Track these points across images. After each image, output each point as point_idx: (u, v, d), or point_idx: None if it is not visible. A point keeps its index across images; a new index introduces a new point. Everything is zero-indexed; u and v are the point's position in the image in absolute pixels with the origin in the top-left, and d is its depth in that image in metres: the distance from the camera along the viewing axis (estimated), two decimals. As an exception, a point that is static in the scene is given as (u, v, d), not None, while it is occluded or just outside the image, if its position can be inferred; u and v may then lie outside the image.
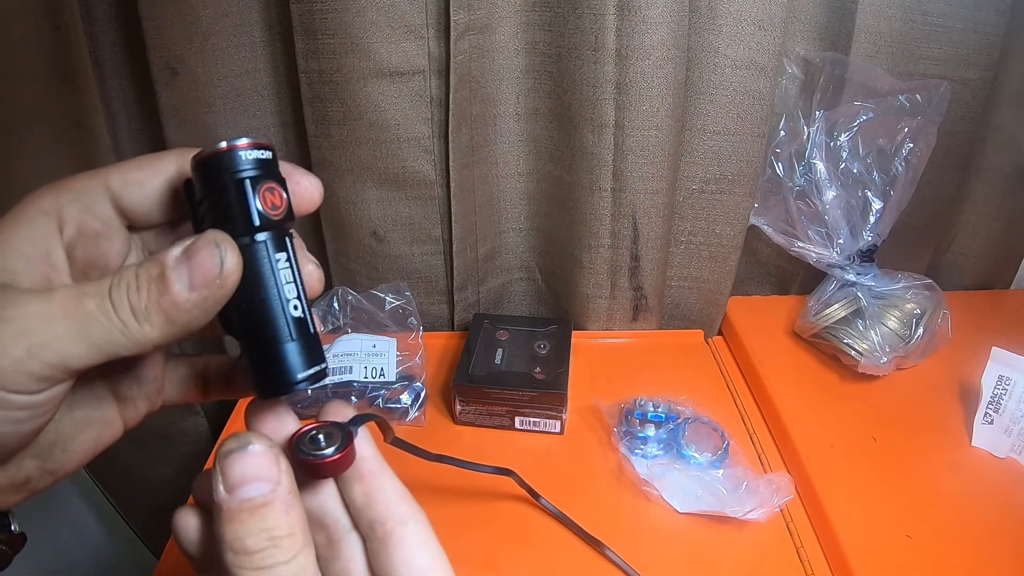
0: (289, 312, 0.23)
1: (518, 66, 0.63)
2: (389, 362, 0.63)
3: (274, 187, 0.23)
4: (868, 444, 0.57)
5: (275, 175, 0.23)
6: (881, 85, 0.63)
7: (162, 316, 0.21)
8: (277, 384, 0.24)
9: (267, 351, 0.24)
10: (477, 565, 0.49)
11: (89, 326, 0.21)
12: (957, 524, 0.50)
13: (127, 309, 0.21)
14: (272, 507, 0.22)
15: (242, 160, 0.23)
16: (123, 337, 0.21)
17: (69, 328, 0.21)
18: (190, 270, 0.21)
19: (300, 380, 0.24)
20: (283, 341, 0.23)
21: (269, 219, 0.23)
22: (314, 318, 0.24)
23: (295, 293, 0.23)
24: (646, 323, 0.72)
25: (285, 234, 0.24)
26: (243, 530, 0.21)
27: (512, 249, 0.74)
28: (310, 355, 0.24)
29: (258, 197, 0.22)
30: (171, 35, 0.58)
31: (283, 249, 0.23)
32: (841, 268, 0.66)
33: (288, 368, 0.24)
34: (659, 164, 0.62)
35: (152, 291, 0.21)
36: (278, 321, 0.23)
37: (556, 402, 0.58)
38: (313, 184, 0.26)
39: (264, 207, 0.23)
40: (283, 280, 0.23)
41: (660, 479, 0.52)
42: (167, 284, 0.21)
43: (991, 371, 0.55)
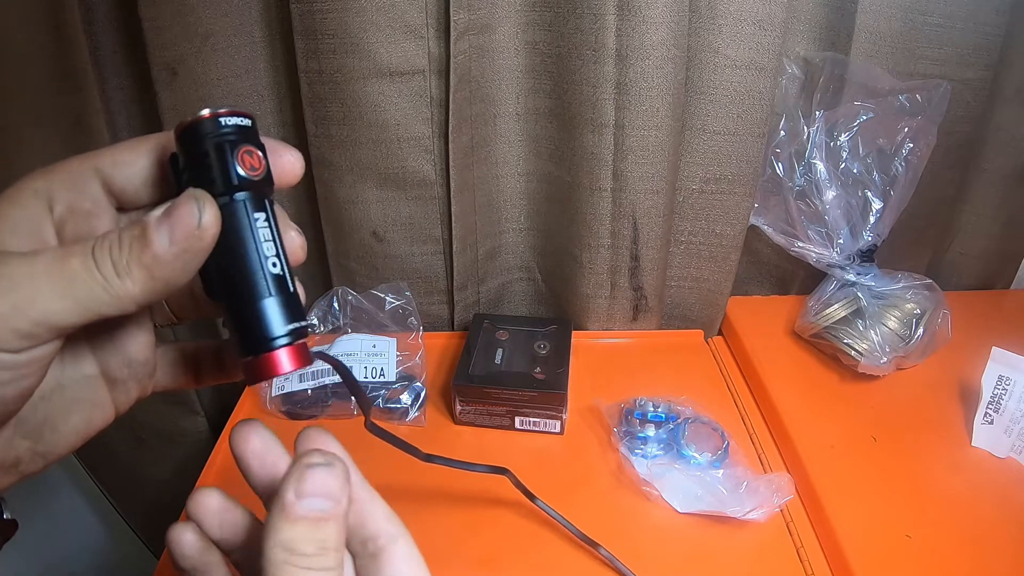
0: (268, 268, 0.24)
1: (518, 66, 0.63)
2: (389, 362, 0.63)
3: (252, 150, 0.24)
4: (868, 444, 0.57)
5: (254, 140, 0.24)
6: (881, 85, 0.63)
7: (143, 271, 0.22)
8: (259, 341, 0.24)
9: (247, 308, 0.24)
10: (475, 564, 0.49)
11: (72, 283, 0.21)
12: (957, 524, 0.50)
13: (109, 265, 0.22)
14: (331, 523, 0.23)
15: (221, 125, 0.23)
16: (105, 293, 0.22)
17: (53, 285, 0.21)
18: (170, 225, 0.22)
19: (281, 335, 0.24)
20: (262, 296, 0.24)
21: (247, 179, 0.23)
22: (294, 279, 0.25)
23: (274, 251, 0.24)
24: (646, 323, 0.72)
25: (265, 197, 0.24)
26: (302, 535, 0.23)
27: (512, 249, 0.74)
28: (290, 311, 0.24)
29: (236, 158, 0.23)
30: (171, 35, 0.58)
31: (262, 210, 0.24)
32: (841, 268, 0.66)
33: (268, 323, 0.24)
34: (659, 164, 0.62)
35: (134, 247, 0.22)
36: (256, 276, 0.24)
37: (556, 402, 0.58)
38: (294, 157, 0.27)
39: (243, 168, 0.23)
40: (262, 238, 0.24)
41: (660, 479, 0.52)
42: (148, 239, 0.22)
43: (991, 371, 0.55)
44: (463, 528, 0.51)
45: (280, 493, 0.23)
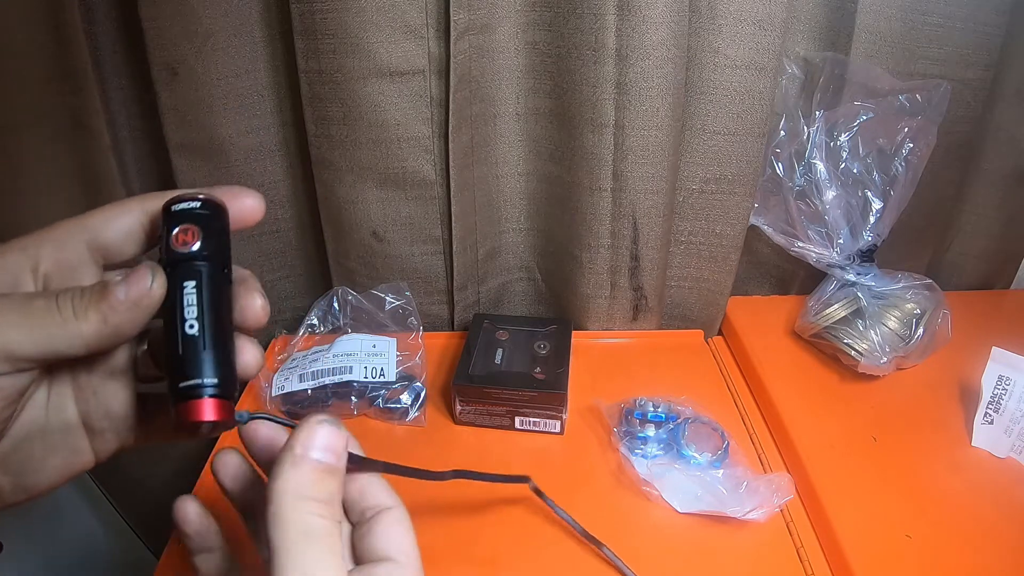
0: (183, 329, 0.27)
1: (518, 66, 0.63)
2: (389, 362, 0.63)
3: (188, 228, 0.28)
4: (868, 444, 0.57)
5: (195, 219, 0.28)
6: (881, 85, 0.63)
7: (98, 315, 0.25)
8: (170, 392, 0.27)
9: (166, 358, 0.27)
10: (475, 564, 0.49)
11: (34, 318, 0.25)
12: (957, 524, 0.50)
13: (69, 308, 0.25)
14: (335, 476, 0.26)
15: (170, 210, 0.28)
16: (61, 331, 0.25)
17: (17, 320, 0.24)
18: (127, 284, 0.26)
19: (180, 388, 0.27)
20: (173, 353, 0.27)
21: (178, 253, 0.27)
22: (218, 342, 0.28)
23: (195, 314, 0.27)
24: (646, 323, 0.72)
25: (200, 268, 0.28)
26: (310, 481, 0.25)
27: (512, 249, 0.74)
28: (188, 370, 0.27)
29: (172, 236, 0.27)
30: (171, 35, 0.58)
31: (192, 278, 0.27)
32: (841, 268, 0.66)
33: (173, 374, 0.27)
34: (659, 164, 0.62)
35: (93, 296, 0.26)
36: (174, 334, 0.27)
37: (556, 402, 0.58)
38: (254, 201, 0.30)
39: (175, 244, 0.27)
40: (185, 303, 0.27)
41: (660, 479, 0.52)
42: (107, 292, 0.26)
43: (991, 371, 0.55)
44: (463, 528, 0.51)
45: (289, 445, 0.25)
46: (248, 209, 0.30)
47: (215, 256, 0.28)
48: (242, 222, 0.30)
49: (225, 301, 0.29)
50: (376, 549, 0.28)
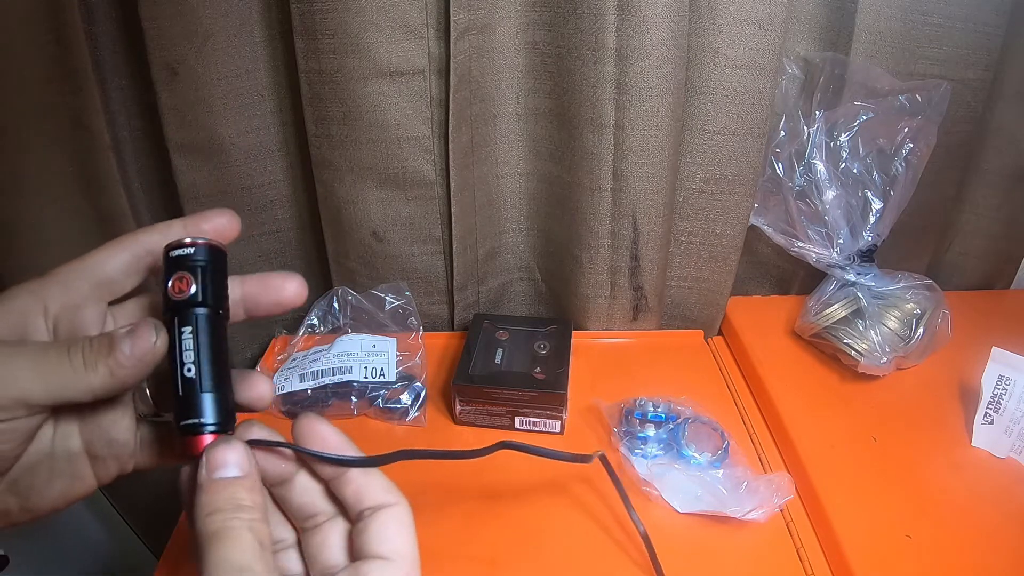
0: (182, 373, 0.29)
1: (518, 66, 0.63)
2: (389, 362, 0.63)
3: (183, 276, 0.29)
4: (868, 444, 0.57)
5: (191, 267, 0.29)
6: (881, 85, 0.63)
7: (106, 368, 0.27)
8: (173, 420, 0.29)
9: (172, 395, 0.29)
10: (475, 565, 0.49)
11: (47, 369, 0.27)
12: (957, 524, 0.50)
13: (80, 360, 0.27)
14: (240, 484, 0.28)
15: (168, 257, 0.30)
16: (73, 381, 0.27)
17: (32, 370, 0.27)
18: (132, 340, 0.28)
19: (182, 425, 0.29)
20: (174, 393, 0.29)
21: (174, 300, 0.29)
22: (215, 382, 0.29)
23: (192, 359, 0.29)
24: (646, 323, 0.72)
25: (196, 313, 0.29)
26: (214, 498, 0.27)
27: (512, 249, 0.74)
28: (188, 411, 0.29)
29: (170, 283, 0.29)
30: (171, 35, 0.58)
31: (188, 324, 0.29)
32: (841, 268, 0.66)
33: (176, 412, 0.29)
34: (659, 164, 0.62)
35: (102, 350, 0.28)
36: (174, 376, 0.29)
37: (556, 402, 0.58)
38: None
39: (172, 292, 0.29)
40: (183, 347, 0.29)
41: (660, 479, 0.52)
42: (114, 347, 0.28)
43: (991, 371, 0.55)
44: (463, 528, 0.51)
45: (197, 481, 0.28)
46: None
47: (209, 301, 0.30)
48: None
49: (220, 341, 0.30)
50: (368, 547, 0.29)
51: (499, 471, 0.56)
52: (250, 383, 0.32)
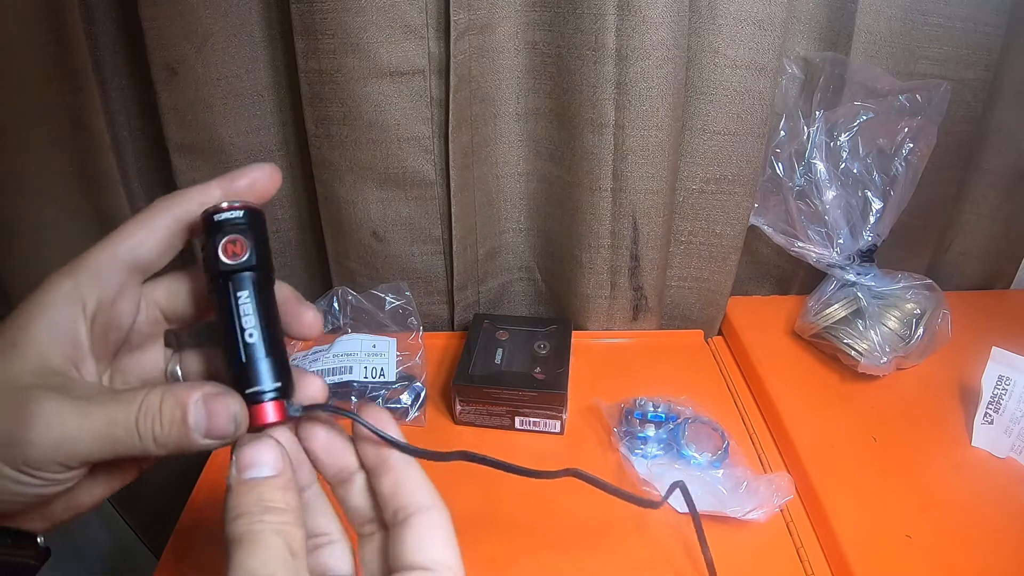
0: (244, 339, 0.28)
1: (518, 66, 0.63)
2: (389, 362, 0.63)
3: (237, 239, 0.28)
4: (868, 444, 0.57)
5: (241, 230, 0.29)
6: (881, 85, 0.62)
7: (177, 447, 0.27)
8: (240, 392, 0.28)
9: (228, 368, 0.29)
10: (476, 564, 0.49)
11: (116, 446, 0.26)
12: (957, 524, 0.50)
13: (150, 439, 0.26)
14: (271, 484, 0.26)
15: (212, 222, 0.29)
16: (139, 452, 0.26)
17: (98, 443, 0.26)
18: (208, 423, 0.26)
19: (246, 395, 0.28)
20: (235, 361, 0.28)
21: (228, 265, 0.28)
22: (274, 346, 0.29)
23: (252, 323, 0.28)
24: (646, 323, 0.72)
25: (250, 278, 0.29)
26: (243, 500, 0.26)
27: (512, 249, 0.74)
28: (255, 377, 0.28)
29: (220, 247, 0.28)
30: (171, 35, 0.58)
31: (244, 288, 0.28)
32: (841, 268, 0.66)
33: (237, 383, 0.28)
34: (659, 164, 0.62)
35: (173, 431, 0.26)
36: (235, 344, 0.28)
37: (556, 402, 0.58)
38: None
39: (225, 256, 0.28)
40: (241, 313, 0.28)
41: (660, 479, 0.52)
42: (188, 429, 0.26)
43: (991, 371, 0.55)
44: (463, 528, 0.51)
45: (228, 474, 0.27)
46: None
47: (263, 264, 0.29)
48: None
49: (274, 304, 0.30)
50: (405, 556, 0.28)
51: (498, 471, 0.56)
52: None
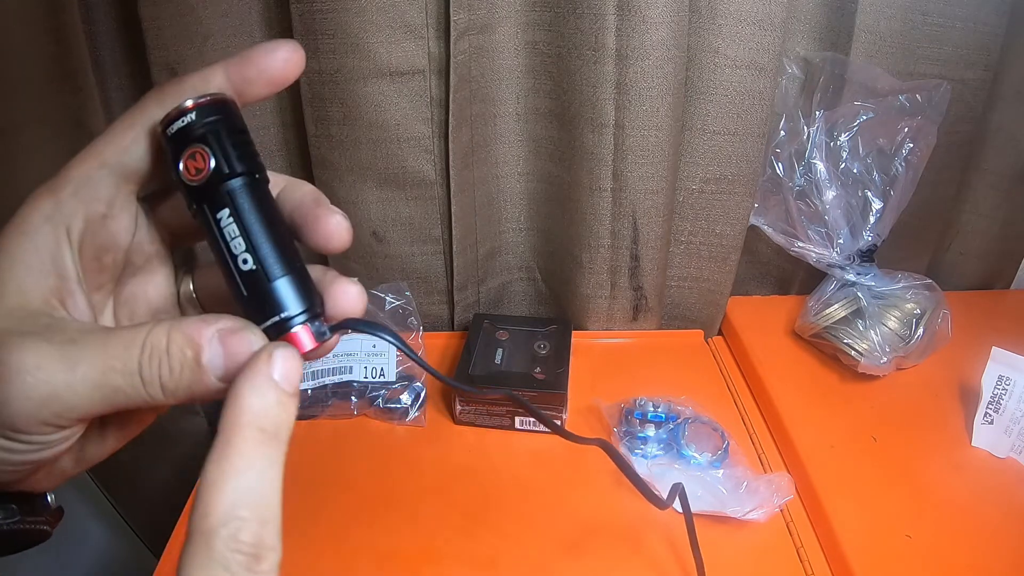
0: (239, 268, 0.23)
1: (518, 66, 0.63)
2: (389, 362, 0.63)
3: (196, 151, 0.23)
4: (868, 444, 0.57)
5: (201, 136, 0.23)
6: (881, 85, 0.63)
7: (188, 394, 0.22)
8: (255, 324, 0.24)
9: (234, 300, 0.24)
10: (474, 564, 0.49)
11: (115, 396, 0.22)
12: (957, 524, 0.50)
13: (157, 387, 0.22)
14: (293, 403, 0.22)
15: (167, 136, 0.23)
16: (143, 402, 0.22)
17: (94, 396, 0.21)
18: (225, 360, 0.22)
19: (264, 329, 0.24)
20: (237, 295, 0.24)
21: (196, 184, 0.23)
22: (283, 264, 0.24)
23: (243, 246, 0.23)
24: (646, 323, 0.72)
25: (227, 190, 0.23)
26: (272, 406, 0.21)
27: (512, 249, 0.74)
28: (265, 309, 0.24)
29: (182, 166, 0.23)
30: (171, 35, 0.58)
31: (222, 206, 0.23)
32: (841, 268, 0.66)
33: (251, 316, 0.24)
34: (659, 164, 0.62)
35: (184, 374, 0.22)
36: (232, 280, 0.24)
37: (556, 402, 0.58)
38: (283, 53, 0.25)
39: (187, 175, 0.23)
40: (228, 236, 0.23)
41: (660, 479, 0.52)
42: (202, 372, 0.22)
43: (991, 371, 0.55)
44: (463, 527, 0.51)
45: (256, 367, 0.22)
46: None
47: (239, 167, 0.24)
48: (277, 83, 0.25)
49: (269, 210, 0.24)
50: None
51: (499, 471, 0.56)
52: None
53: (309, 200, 0.26)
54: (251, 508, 0.20)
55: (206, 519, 0.19)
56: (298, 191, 0.26)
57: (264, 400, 0.21)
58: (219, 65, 0.25)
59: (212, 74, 0.25)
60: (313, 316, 0.24)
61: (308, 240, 0.26)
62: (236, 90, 0.25)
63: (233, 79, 0.25)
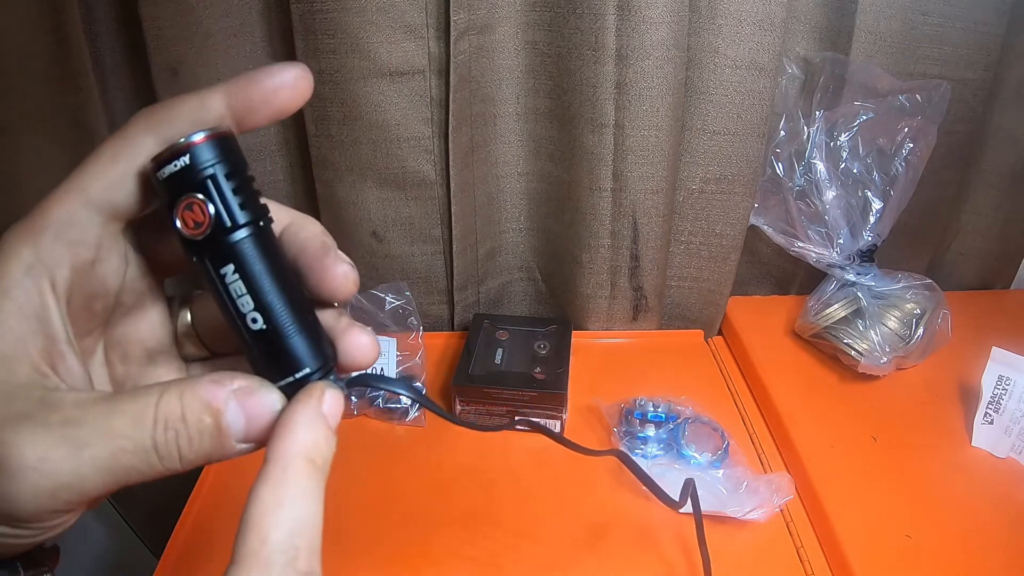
0: (248, 327, 0.22)
1: (518, 66, 0.63)
2: (389, 362, 0.63)
3: (193, 202, 0.21)
4: (868, 444, 0.57)
5: (198, 184, 0.21)
6: (881, 85, 0.62)
7: (206, 460, 0.21)
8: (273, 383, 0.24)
9: (246, 356, 0.23)
10: (474, 564, 0.49)
11: (127, 475, 0.20)
12: (957, 524, 0.50)
13: (175, 459, 0.21)
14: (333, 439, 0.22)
15: (159, 180, 0.21)
16: (157, 475, 0.21)
17: (104, 478, 0.20)
18: (246, 424, 0.21)
19: (280, 387, 0.23)
20: (248, 354, 0.23)
21: (196, 239, 0.21)
22: (295, 320, 0.22)
23: (251, 305, 0.22)
24: (646, 323, 0.72)
25: (231, 244, 0.21)
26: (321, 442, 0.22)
27: (512, 249, 0.74)
28: (280, 368, 0.23)
29: (178, 218, 0.21)
30: (171, 35, 0.58)
31: (228, 261, 0.21)
32: (841, 268, 0.66)
33: (265, 375, 0.23)
34: (659, 164, 0.62)
35: (205, 442, 0.21)
36: (241, 337, 0.22)
37: (556, 402, 0.58)
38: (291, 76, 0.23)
39: (186, 229, 0.21)
40: (234, 294, 0.22)
41: (660, 479, 0.52)
42: (223, 437, 0.21)
43: (991, 371, 0.55)
44: (463, 527, 0.51)
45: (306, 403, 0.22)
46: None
47: (241, 220, 0.21)
48: (284, 110, 0.23)
49: (276, 260, 0.22)
50: None
51: (499, 472, 0.56)
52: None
53: (316, 246, 0.24)
54: (304, 538, 0.20)
55: (264, 545, 0.19)
56: (303, 232, 0.25)
57: (316, 433, 0.21)
58: (219, 88, 0.22)
59: (210, 98, 0.22)
60: (327, 371, 0.24)
61: (313, 289, 0.24)
62: (236, 117, 0.22)
63: (234, 105, 0.22)
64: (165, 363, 0.26)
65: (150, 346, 0.26)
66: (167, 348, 0.26)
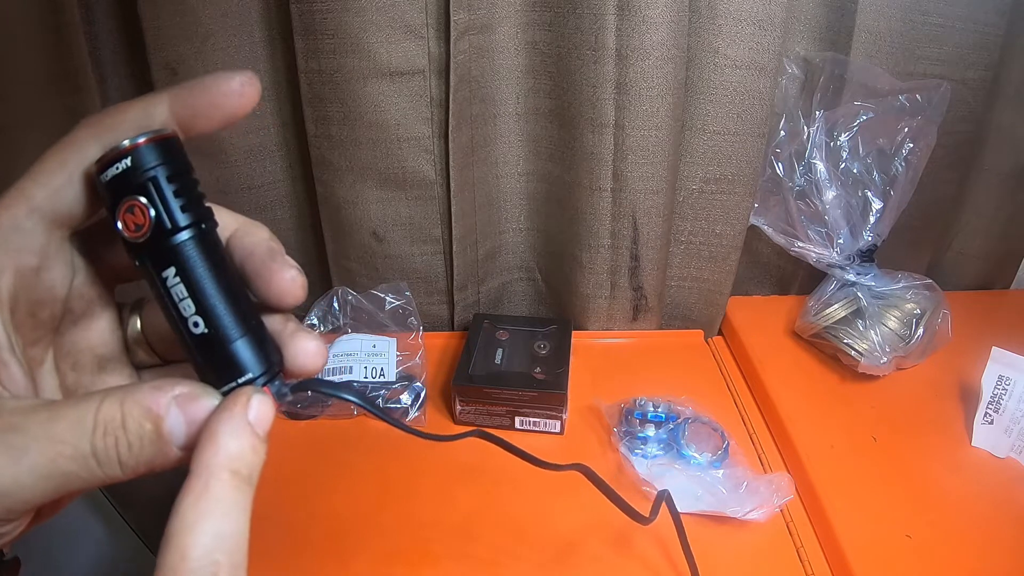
0: (189, 331, 0.22)
1: (518, 66, 0.63)
2: (389, 362, 0.63)
3: (134, 205, 0.21)
4: (868, 444, 0.57)
5: (139, 187, 0.21)
6: (881, 85, 0.63)
7: (148, 468, 0.21)
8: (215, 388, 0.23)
9: (189, 359, 0.23)
10: (477, 565, 0.49)
11: (67, 482, 0.20)
12: (957, 524, 0.50)
13: (115, 465, 0.20)
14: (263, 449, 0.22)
15: (101, 182, 0.21)
16: (99, 483, 0.20)
17: (43, 485, 0.20)
18: (187, 430, 0.21)
19: (224, 393, 0.22)
20: (191, 358, 0.22)
21: (137, 243, 0.21)
22: (237, 324, 0.22)
23: (193, 309, 0.21)
24: (646, 323, 0.72)
25: (172, 247, 0.21)
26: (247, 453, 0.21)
27: (512, 249, 0.74)
28: (222, 373, 0.22)
29: (119, 220, 0.21)
30: (171, 35, 0.58)
31: (169, 264, 0.21)
32: (841, 268, 0.66)
33: (208, 380, 0.23)
34: (659, 164, 0.62)
35: (145, 449, 0.20)
36: (184, 342, 0.22)
37: (556, 402, 0.58)
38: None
39: (127, 231, 0.21)
40: (176, 297, 0.21)
41: (660, 479, 0.52)
42: (164, 443, 0.21)
43: (991, 371, 0.55)
44: (463, 528, 0.51)
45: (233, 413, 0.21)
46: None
47: (182, 223, 0.21)
48: (229, 116, 0.23)
49: (219, 264, 0.22)
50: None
51: (500, 472, 0.56)
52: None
53: (263, 250, 0.24)
54: (226, 553, 0.19)
55: (184, 562, 0.19)
56: (250, 237, 0.24)
57: (240, 443, 0.20)
58: (164, 94, 0.22)
59: (154, 104, 0.22)
60: (272, 376, 0.23)
61: (259, 295, 0.24)
62: (181, 123, 0.22)
63: (179, 112, 0.22)
64: (116, 371, 0.26)
65: (100, 353, 0.25)
66: (118, 356, 0.26)
